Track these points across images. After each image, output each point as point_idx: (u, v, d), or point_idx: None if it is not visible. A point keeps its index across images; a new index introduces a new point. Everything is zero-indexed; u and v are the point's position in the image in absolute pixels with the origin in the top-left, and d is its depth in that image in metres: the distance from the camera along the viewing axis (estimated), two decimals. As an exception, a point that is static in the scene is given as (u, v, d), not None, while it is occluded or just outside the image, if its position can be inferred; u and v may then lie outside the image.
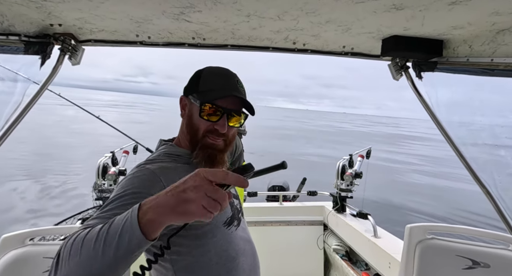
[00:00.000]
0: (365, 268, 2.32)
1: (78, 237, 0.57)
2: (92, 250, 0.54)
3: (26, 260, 1.13)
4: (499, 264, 1.33)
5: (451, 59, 1.39)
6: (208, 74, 0.91)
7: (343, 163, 2.79)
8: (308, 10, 1.10)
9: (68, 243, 0.57)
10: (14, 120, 1.40)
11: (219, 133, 0.87)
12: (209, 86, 0.88)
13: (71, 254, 0.55)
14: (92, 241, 0.55)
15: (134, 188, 0.74)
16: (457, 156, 1.61)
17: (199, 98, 0.87)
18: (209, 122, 0.86)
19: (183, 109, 0.94)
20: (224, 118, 0.86)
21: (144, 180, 0.76)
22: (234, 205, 0.98)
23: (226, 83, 0.90)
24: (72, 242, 0.57)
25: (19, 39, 1.30)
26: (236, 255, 0.89)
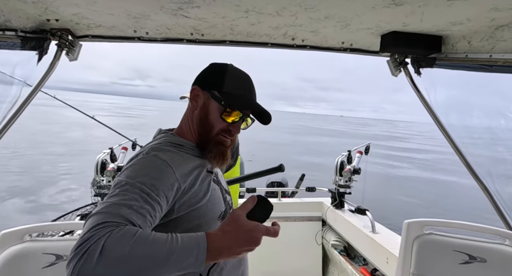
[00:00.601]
0: (363, 263, 2.33)
1: (131, 235, 0.59)
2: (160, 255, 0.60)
3: (25, 256, 1.14)
4: (495, 259, 1.34)
5: (450, 55, 1.39)
6: (234, 76, 0.91)
7: (342, 159, 2.80)
8: (307, 5, 1.10)
9: (121, 237, 0.59)
10: (11, 116, 1.40)
11: (231, 134, 0.90)
12: (236, 90, 0.90)
13: (130, 250, 0.58)
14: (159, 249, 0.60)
15: (152, 179, 0.73)
16: (455, 152, 1.62)
17: (225, 99, 0.87)
18: (226, 122, 0.89)
19: (194, 100, 0.92)
20: (240, 122, 0.91)
21: (159, 171, 0.76)
22: (227, 200, 0.98)
23: (251, 91, 0.93)
24: (126, 238, 0.59)
25: (15, 34, 1.29)
26: None
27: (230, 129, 0.89)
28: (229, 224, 0.67)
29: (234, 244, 0.65)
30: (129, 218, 0.64)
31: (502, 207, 1.54)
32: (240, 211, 0.69)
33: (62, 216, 2.49)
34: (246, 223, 0.67)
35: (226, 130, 0.89)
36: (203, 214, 0.84)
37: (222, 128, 0.89)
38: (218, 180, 0.96)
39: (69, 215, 2.51)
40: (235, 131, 0.90)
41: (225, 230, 0.66)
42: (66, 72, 34.60)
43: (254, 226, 0.67)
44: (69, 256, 0.58)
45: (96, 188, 2.52)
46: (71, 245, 1.21)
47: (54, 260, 1.15)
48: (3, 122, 1.38)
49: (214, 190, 0.90)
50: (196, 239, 0.64)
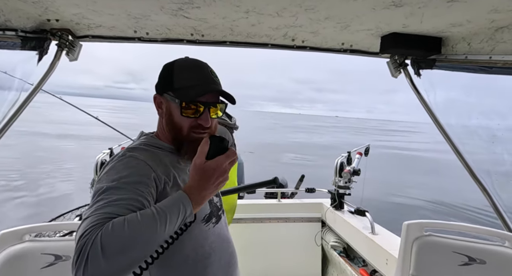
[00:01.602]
0: (362, 265, 2.33)
1: (122, 223, 0.61)
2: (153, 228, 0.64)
3: (24, 256, 1.13)
4: (495, 261, 1.34)
5: (449, 56, 1.39)
6: (180, 69, 0.88)
7: (341, 160, 2.80)
8: (307, 6, 1.10)
9: (111, 229, 0.60)
10: (11, 116, 1.40)
11: (203, 127, 0.87)
12: (185, 83, 0.86)
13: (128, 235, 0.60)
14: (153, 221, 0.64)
15: (133, 177, 0.74)
16: (454, 153, 1.62)
17: (178, 97, 0.85)
18: (191, 118, 0.85)
19: (159, 108, 0.91)
20: (206, 112, 0.86)
21: (138, 169, 0.77)
22: (213, 202, 0.97)
23: (203, 77, 0.87)
24: (118, 228, 0.61)
25: (15, 34, 1.29)
26: (212, 251, 0.89)
27: (199, 124, 0.86)
28: (195, 173, 0.74)
29: (209, 185, 0.74)
30: (115, 213, 0.65)
31: (502, 208, 1.54)
32: (198, 159, 0.74)
33: (60, 215, 2.49)
34: (207, 164, 0.74)
35: (196, 125, 0.86)
36: None
37: (190, 125, 0.86)
38: None
39: (68, 214, 2.51)
40: (204, 124, 0.85)
41: (196, 179, 0.74)
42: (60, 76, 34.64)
43: (215, 163, 0.74)
44: (73, 268, 0.58)
45: (95, 188, 2.51)
46: (70, 245, 1.20)
47: (53, 260, 1.14)
48: (3, 122, 1.38)
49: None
50: (178, 198, 0.71)
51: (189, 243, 0.85)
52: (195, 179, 0.74)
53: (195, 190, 0.73)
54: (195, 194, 0.73)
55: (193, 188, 0.73)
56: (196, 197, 0.73)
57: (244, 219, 2.70)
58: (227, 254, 0.95)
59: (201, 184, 0.73)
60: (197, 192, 0.73)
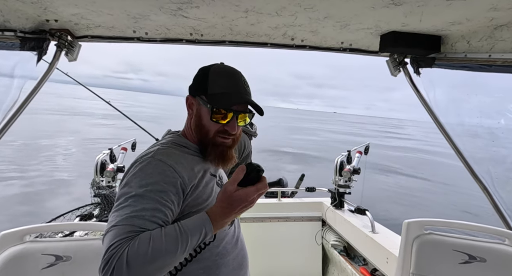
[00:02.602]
0: (363, 263, 2.33)
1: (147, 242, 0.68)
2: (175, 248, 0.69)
3: (24, 257, 1.13)
4: (495, 259, 1.34)
5: (449, 55, 1.39)
6: (216, 75, 0.91)
7: (341, 159, 2.80)
8: (306, 5, 1.10)
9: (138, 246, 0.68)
10: (11, 116, 1.40)
11: (229, 133, 0.91)
12: (219, 89, 0.89)
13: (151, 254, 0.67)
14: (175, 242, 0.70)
15: (159, 186, 0.78)
16: (454, 151, 1.62)
17: (210, 102, 0.88)
18: (219, 124, 0.89)
19: (190, 109, 0.95)
20: (234, 120, 0.90)
21: (165, 177, 0.80)
22: None
23: (236, 85, 0.91)
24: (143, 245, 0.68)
25: (14, 35, 1.28)
26: (227, 252, 0.91)
27: (225, 129, 0.90)
28: (222, 199, 0.76)
29: (233, 213, 0.76)
30: (141, 227, 0.71)
31: (502, 206, 1.54)
32: (230, 186, 0.75)
33: (61, 215, 2.48)
34: (237, 193, 0.74)
35: (222, 131, 0.90)
36: None
37: (217, 130, 0.90)
38: (222, 183, 0.98)
39: (68, 215, 2.50)
40: (230, 130, 0.90)
41: (222, 206, 0.76)
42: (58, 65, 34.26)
43: (245, 194, 0.75)
44: (100, 273, 0.67)
45: (95, 188, 2.51)
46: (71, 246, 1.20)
47: (54, 260, 1.14)
48: (3, 122, 1.38)
49: (217, 193, 0.90)
50: (201, 222, 0.74)
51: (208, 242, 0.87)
52: (222, 206, 0.76)
53: (219, 217, 0.76)
54: (218, 220, 0.75)
55: (218, 214, 0.76)
56: (218, 222, 0.76)
57: (245, 218, 2.70)
58: (240, 255, 0.97)
59: (226, 212, 0.76)
60: (220, 218, 0.76)
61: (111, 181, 2.47)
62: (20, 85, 1.42)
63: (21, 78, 1.43)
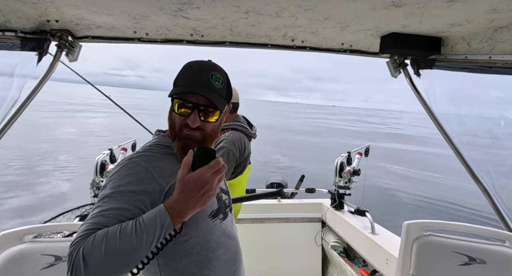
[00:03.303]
0: (362, 265, 2.33)
1: (102, 237, 0.68)
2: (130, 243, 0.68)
3: (24, 257, 1.13)
4: (495, 260, 1.34)
5: (449, 56, 1.39)
6: (185, 69, 0.91)
7: (341, 160, 2.80)
8: (306, 7, 1.10)
9: (92, 243, 0.68)
10: (11, 117, 1.40)
11: (189, 127, 0.87)
12: (181, 81, 0.89)
13: (105, 250, 0.66)
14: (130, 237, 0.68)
15: (132, 186, 0.79)
16: (455, 153, 1.62)
17: (172, 92, 0.88)
18: (182, 116, 0.88)
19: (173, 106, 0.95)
20: (195, 113, 0.86)
21: (137, 177, 0.81)
22: (222, 199, 1.00)
23: (197, 77, 0.88)
24: (97, 241, 0.68)
25: (15, 35, 1.29)
26: (217, 246, 0.92)
27: (187, 122, 0.87)
28: (177, 187, 0.73)
29: (191, 198, 0.72)
30: (103, 224, 0.72)
31: (502, 208, 1.54)
32: (181, 171, 0.73)
33: (59, 215, 2.46)
34: (190, 176, 0.72)
35: (185, 124, 0.87)
36: None
37: (181, 123, 0.88)
38: None
39: (68, 214, 2.49)
40: (190, 123, 0.86)
41: (177, 192, 0.73)
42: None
43: (196, 175, 0.72)
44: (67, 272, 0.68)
45: (95, 189, 2.50)
46: (70, 246, 1.18)
47: (53, 261, 1.14)
48: (3, 123, 1.38)
49: None
50: (157, 214, 0.72)
51: (195, 236, 0.88)
52: (177, 192, 0.73)
53: (176, 204, 0.72)
54: (175, 208, 0.72)
55: (174, 201, 0.73)
56: (178, 210, 0.72)
57: (244, 219, 2.70)
58: (232, 251, 0.97)
59: (182, 197, 0.72)
60: (178, 205, 0.72)
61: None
62: (21, 85, 1.42)
63: (21, 78, 1.43)
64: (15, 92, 1.40)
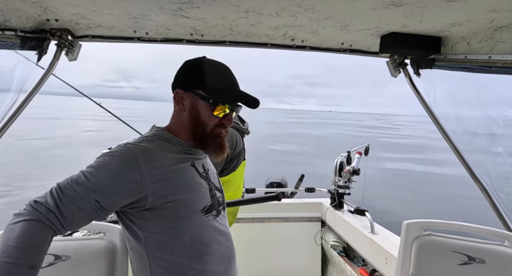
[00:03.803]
0: (362, 264, 2.33)
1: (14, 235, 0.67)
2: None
3: None
4: (494, 260, 1.34)
5: (449, 56, 1.39)
6: (213, 70, 0.93)
7: (341, 160, 2.80)
8: (306, 6, 1.10)
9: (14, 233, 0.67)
10: (11, 116, 1.39)
11: (226, 126, 0.95)
12: (219, 84, 0.92)
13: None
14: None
15: (112, 166, 0.80)
16: (454, 153, 1.62)
17: (213, 97, 0.90)
18: (218, 118, 0.93)
19: (180, 103, 0.94)
20: (231, 113, 0.95)
21: (122, 165, 0.81)
22: (216, 196, 1.01)
23: (232, 81, 0.95)
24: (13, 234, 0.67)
25: (15, 34, 1.28)
26: (209, 242, 0.93)
27: (223, 122, 0.94)
28: None
29: None
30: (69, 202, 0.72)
31: (501, 208, 1.54)
32: None
33: None
34: None
35: (220, 124, 0.94)
36: (182, 206, 0.87)
37: (215, 124, 0.94)
38: (208, 177, 1.00)
39: None
40: (228, 123, 0.95)
41: None
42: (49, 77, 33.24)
43: None
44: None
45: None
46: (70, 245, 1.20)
47: (53, 260, 1.14)
48: (2, 122, 1.38)
49: (200, 184, 0.94)
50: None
51: (188, 230, 0.88)
52: None
53: None
54: None
55: None
56: None
57: (244, 219, 2.70)
58: (224, 247, 0.98)
59: None
60: None
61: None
62: (20, 84, 1.42)
63: (21, 77, 1.43)
64: (14, 91, 1.40)
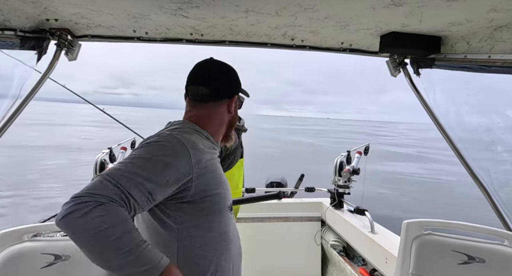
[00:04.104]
0: (362, 264, 2.33)
1: (110, 228, 0.67)
2: (115, 257, 0.67)
3: (23, 256, 1.13)
4: (494, 259, 1.34)
5: (449, 55, 1.39)
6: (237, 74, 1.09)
7: (341, 159, 2.80)
8: (306, 6, 1.10)
9: (100, 214, 0.66)
10: (11, 116, 1.40)
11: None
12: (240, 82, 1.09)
13: (95, 241, 0.66)
14: (120, 251, 0.67)
15: (166, 159, 0.80)
16: (454, 152, 1.62)
17: (246, 95, 1.14)
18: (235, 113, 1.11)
19: (230, 108, 1.03)
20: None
21: (176, 153, 0.82)
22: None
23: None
24: (103, 222, 0.66)
25: (14, 34, 1.28)
26: (232, 238, 0.96)
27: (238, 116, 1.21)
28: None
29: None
30: (127, 192, 0.71)
31: (501, 207, 1.54)
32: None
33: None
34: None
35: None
36: (217, 201, 0.90)
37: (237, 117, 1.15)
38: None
39: None
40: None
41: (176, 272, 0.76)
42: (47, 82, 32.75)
43: None
44: (69, 200, 0.68)
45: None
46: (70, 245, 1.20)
47: (53, 260, 1.14)
48: (3, 121, 1.38)
49: (226, 181, 0.97)
50: (155, 262, 0.71)
51: (218, 225, 0.91)
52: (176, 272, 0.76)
53: (173, 273, 0.74)
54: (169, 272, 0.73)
55: (174, 271, 0.75)
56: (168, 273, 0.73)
57: (244, 218, 2.70)
58: (238, 244, 1.02)
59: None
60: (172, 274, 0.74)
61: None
62: (20, 84, 1.42)
63: (21, 77, 1.43)
64: (14, 91, 1.40)
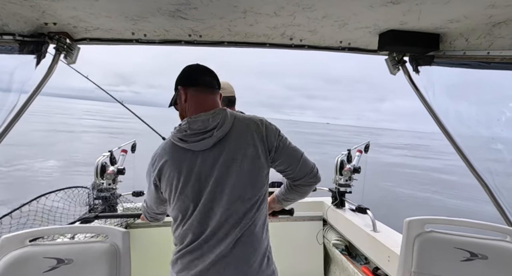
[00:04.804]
0: (364, 262, 2.33)
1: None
2: None
3: (26, 260, 1.13)
4: (497, 256, 1.34)
5: (448, 52, 1.39)
6: None
7: (342, 158, 2.80)
8: (304, 5, 1.10)
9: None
10: (11, 120, 1.39)
11: None
12: None
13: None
14: None
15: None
16: (454, 149, 1.62)
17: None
18: None
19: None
20: None
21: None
22: None
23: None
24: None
25: (13, 38, 1.28)
26: None
27: None
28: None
29: None
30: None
31: (503, 203, 1.54)
32: None
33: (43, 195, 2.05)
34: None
35: None
36: None
37: None
38: None
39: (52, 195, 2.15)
40: None
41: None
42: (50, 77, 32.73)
43: None
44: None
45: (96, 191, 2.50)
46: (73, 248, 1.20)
47: (56, 264, 1.14)
48: (3, 126, 1.38)
49: None
50: None
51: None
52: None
53: None
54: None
55: None
56: None
57: None
58: None
59: None
60: None
61: (112, 183, 2.46)
62: (19, 88, 1.42)
63: (20, 81, 1.43)
64: (14, 95, 1.40)
